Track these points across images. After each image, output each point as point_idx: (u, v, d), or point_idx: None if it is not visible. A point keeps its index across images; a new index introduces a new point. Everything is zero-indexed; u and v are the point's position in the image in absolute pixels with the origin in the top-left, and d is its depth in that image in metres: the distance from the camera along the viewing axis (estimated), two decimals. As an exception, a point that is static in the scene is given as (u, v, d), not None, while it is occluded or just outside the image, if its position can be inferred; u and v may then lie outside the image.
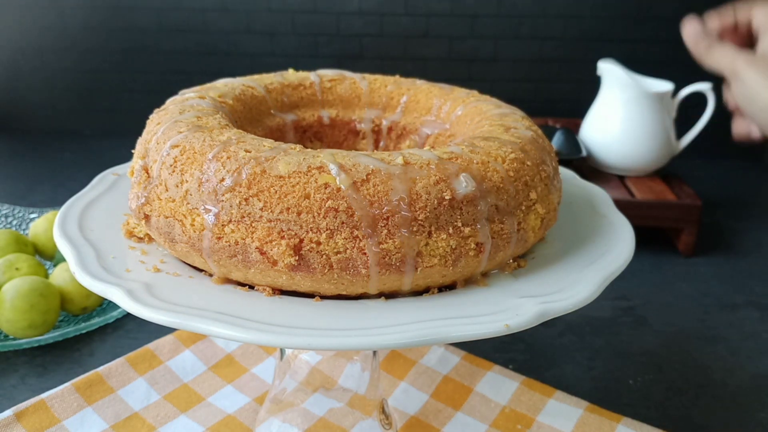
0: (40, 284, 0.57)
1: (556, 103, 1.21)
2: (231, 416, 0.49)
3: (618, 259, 0.33)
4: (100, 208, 0.37)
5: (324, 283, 0.29)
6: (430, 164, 0.29)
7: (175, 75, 1.23)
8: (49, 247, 0.67)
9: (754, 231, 0.90)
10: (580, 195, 0.42)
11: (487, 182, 0.30)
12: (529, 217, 0.32)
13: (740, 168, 1.16)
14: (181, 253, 0.31)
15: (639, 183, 0.85)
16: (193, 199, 0.30)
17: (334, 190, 0.28)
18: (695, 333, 0.65)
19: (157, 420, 0.48)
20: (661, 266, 0.79)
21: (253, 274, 0.29)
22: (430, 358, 0.55)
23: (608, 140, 0.85)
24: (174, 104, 0.37)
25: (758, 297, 0.72)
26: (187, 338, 0.56)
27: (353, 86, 0.46)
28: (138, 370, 0.52)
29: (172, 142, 0.31)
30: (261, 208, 0.28)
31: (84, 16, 1.20)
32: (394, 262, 0.28)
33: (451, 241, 0.29)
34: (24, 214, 0.77)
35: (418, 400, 0.51)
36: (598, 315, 0.67)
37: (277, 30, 1.19)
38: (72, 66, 1.23)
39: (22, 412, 0.46)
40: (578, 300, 0.29)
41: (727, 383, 0.57)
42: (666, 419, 0.52)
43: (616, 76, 0.83)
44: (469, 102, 0.42)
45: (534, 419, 0.49)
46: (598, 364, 0.59)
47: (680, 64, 1.14)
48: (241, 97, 0.41)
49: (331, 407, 0.44)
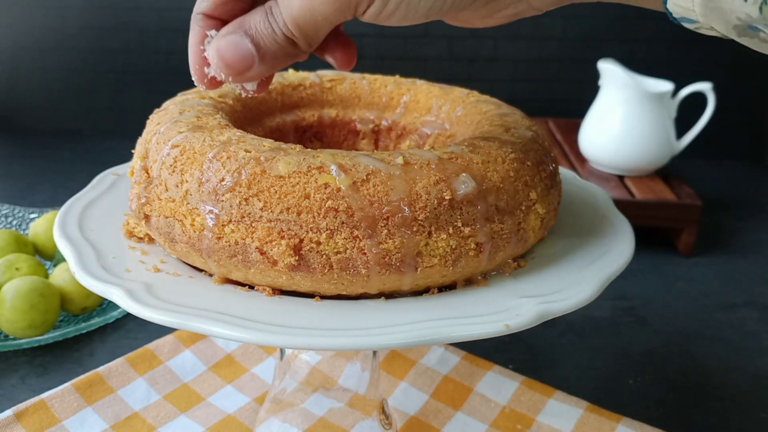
0: (40, 284, 0.57)
1: (556, 103, 1.21)
2: (231, 416, 0.49)
3: (618, 259, 0.33)
4: (100, 208, 0.37)
5: (324, 283, 0.29)
6: (430, 164, 0.29)
7: (175, 75, 1.23)
8: (49, 247, 0.67)
9: (754, 231, 0.90)
10: (580, 195, 0.42)
11: (487, 182, 0.30)
12: (529, 217, 0.32)
13: (740, 168, 1.16)
14: (181, 253, 0.31)
15: (639, 183, 0.85)
16: (193, 199, 0.30)
17: (334, 190, 0.28)
18: (695, 333, 0.65)
19: (157, 420, 0.48)
20: (661, 266, 0.79)
21: (253, 274, 0.29)
22: (430, 358, 0.55)
23: (608, 140, 0.85)
24: (174, 104, 0.37)
25: (758, 297, 0.72)
26: (187, 338, 0.56)
27: (353, 86, 0.46)
28: (138, 370, 0.52)
29: (172, 142, 0.31)
30: (261, 208, 0.28)
31: (84, 16, 1.20)
32: (394, 262, 0.28)
33: (451, 241, 0.29)
34: (24, 214, 0.77)
35: (418, 400, 0.51)
36: (598, 315, 0.67)
37: (277, 30, 1.19)
38: (72, 66, 1.23)
39: (22, 412, 0.46)
40: (578, 300, 0.29)
41: (727, 383, 0.57)
42: (666, 419, 0.52)
43: (616, 76, 0.83)
44: (469, 102, 0.42)
45: (534, 419, 0.49)
46: (598, 364, 0.59)
47: (680, 64, 1.14)
48: (241, 98, 0.41)
49: (331, 407, 0.44)
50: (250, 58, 0.26)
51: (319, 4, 0.24)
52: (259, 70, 0.26)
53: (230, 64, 0.26)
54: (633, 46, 1.15)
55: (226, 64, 0.26)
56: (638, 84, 0.83)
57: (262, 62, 0.26)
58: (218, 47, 0.26)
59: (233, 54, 0.26)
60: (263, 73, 0.27)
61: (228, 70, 0.26)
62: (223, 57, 0.26)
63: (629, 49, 1.16)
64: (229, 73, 0.26)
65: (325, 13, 0.24)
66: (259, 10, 0.26)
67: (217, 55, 0.26)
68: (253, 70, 0.26)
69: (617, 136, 0.84)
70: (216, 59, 0.26)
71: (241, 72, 0.26)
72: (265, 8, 0.25)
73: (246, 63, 0.26)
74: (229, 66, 0.26)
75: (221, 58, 0.26)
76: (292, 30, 0.25)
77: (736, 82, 1.13)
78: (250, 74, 0.26)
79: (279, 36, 0.25)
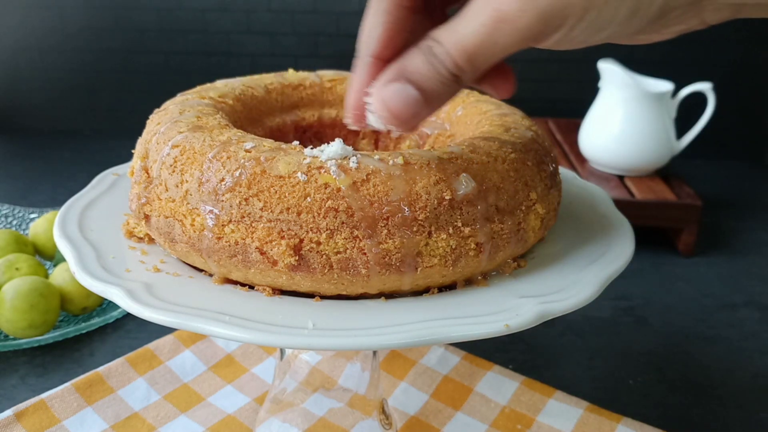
0: (40, 284, 0.57)
1: (556, 103, 1.21)
2: (231, 416, 0.49)
3: (618, 259, 0.33)
4: (100, 208, 0.37)
5: (324, 283, 0.29)
6: (430, 164, 0.29)
7: (175, 75, 1.23)
8: (49, 247, 0.67)
9: (754, 231, 0.90)
10: (580, 195, 0.42)
11: (487, 182, 0.30)
12: (529, 217, 0.32)
13: (740, 168, 1.16)
14: (181, 253, 0.31)
15: (639, 183, 0.85)
16: (193, 199, 0.30)
17: (334, 190, 0.28)
18: (695, 333, 0.65)
19: (157, 420, 0.48)
20: (661, 266, 0.79)
21: (253, 274, 0.29)
22: (430, 358, 0.55)
23: (608, 140, 0.85)
24: (174, 104, 0.37)
25: (758, 297, 0.72)
26: (187, 338, 0.56)
27: (353, 86, 0.46)
28: (138, 370, 0.52)
29: (172, 142, 0.31)
30: (261, 208, 0.28)
31: (84, 16, 1.19)
32: (394, 262, 0.28)
33: (451, 241, 0.29)
34: (24, 214, 0.77)
35: (418, 400, 0.51)
36: (598, 315, 0.67)
37: (277, 30, 1.19)
38: (72, 66, 1.23)
39: (22, 412, 0.46)
40: (578, 300, 0.29)
41: (727, 383, 0.57)
42: (666, 419, 0.52)
43: (616, 76, 0.83)
44: (469, 102, 0.42)
45: (534, 419, 0.49)
46: (598, 364, 0.59)
47: (680, 64, 1.14)
48: (241, 98, 0.41)
49: (331, 407, 0.44)
50: (416, 104, 0.25)
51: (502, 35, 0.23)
52: (424, 113, 0.25)
53: (397, 115, 0.25)
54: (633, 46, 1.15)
55: (393, 115, 0.25)
56: (638, 84, 0.83)
57: (427, 106, 0.25)
58: (383, 99, 0.25)
59: (399, 103, 0.25)
60: (427, 116, 0.26)
61: (395, 121, 0.25)
62: (390, 108, 0.25)
63: (629, 49, 1.15)
64: (395, 123, 0.25)
65: (505, 45, 0.23)
66: (416, 53, 0.25)
67: (384, 108, 0.25)
68: (420, 114, 0.25)
69: (617, 136, 0.84)
70: (383, 111, 0.25)
71: (407, 120, 0.25)
72: (423, 49, 0.24)
73: (412, 110, 0.25)
74: (397, 116, 0.25)
75: (388, 110, 0.25)
76: (462, 65, 0.24)
77: (736, 82, 1.13)
78: (416, 119, 0.25)
79: (445, 75, 0.24)
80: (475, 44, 0.23)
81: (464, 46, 0.23)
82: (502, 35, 0.23)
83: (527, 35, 0.23)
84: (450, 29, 0.24)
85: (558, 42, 0.24)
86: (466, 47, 0.23)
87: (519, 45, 0.23)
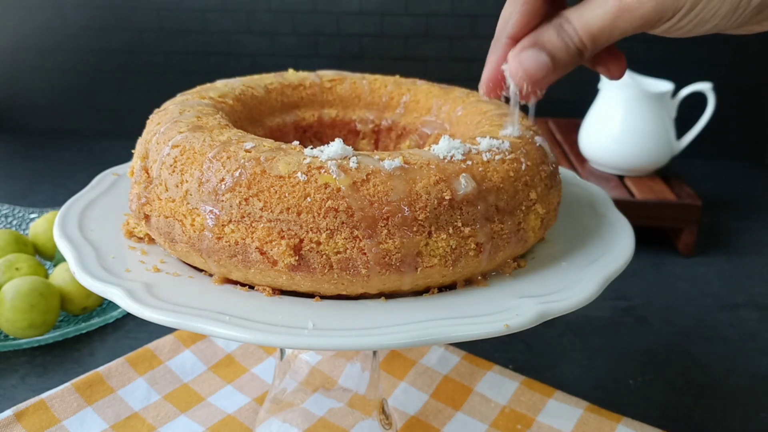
0: (40, 284, 0.57)
1: (556, 103, 1.20)
2: (231, 416, 0.49)
3: (618, 259, 0.33)
4: (100, 208, 0.37)
5: (324, 283, 0.29)
6: (430, 164, 0.29)
7: (175, 75, 1.23)
8: (49, 247, 0.67)
9: (754, 231, 0.90)
10: (580, 195, 0.42)
11: (487, 182, 0.30)
12: (529, 217, 0.32)
13: (740, 168, 1.16)
14: (181, 253, 0.31)
15: (639, 183, 0.85)
16: (193, 199, 0.30)
17: (334, 190, 0.28)
18: (695, 333, 0.65)
19: (157, 420, 0.48)
20: (661, 266, 0.79)
21: (253, 274, 0.29)
22: (430, 358, 0.55)
23: (608, 140, 0.85)
24: (174, 104, 0.37)
25: (758, 297, 0.72)
26: (187, 338, 0.56)
27: (353, 86, 0.46)
28: (138, 370, 0.52)
29: (172, 142, 0.31)
30: (261, 208, 0.28)
31: (84, 16, 1.19)
32: (394, 262, 0.28)
33: (451, 241, 0.29)
34: (24, 214, 0.77)
35: (418, 400, 0.51)
36: (598, 315, 0.67)
37: (277, 30, 1.19)
38: (72, 66, 1.23)
39: (22, 412, 0.46)
40: (578, 300, 0.29)
41: (727, 383, 0.57)
42: (666, 419, 0.52)
43: (616, 76, 0.83)
44: (469, 102, 0.42)
45: (534, 419, 0.49)
46: (598, 364, 0.59)
47: (680, 64, 1.14)
48: (241, 98, 0.41)
49: (331, 407, 0.44)
50: (546, 67, 0.30)
51: (622, 22, 0.27)
52: (552, 77, 0.30)
53: (531, 74, 0.30)
54: (633, 46, 1.15)
55: (528, 74, 0.30)
56: (638, 84, 0.83)
57: (554, 71, 0.30)
58: (521, 60, 0.30)
59: (533, 65, 0.30)
60: (554, 80, 0.31)
61: (529, 79, 0.30)
62: (526, 68, 0.30)
63: (629, 49, 1.15)
64: (529, 81, 0.30)
65: (623, 30, 0.28)
66: (549, 27, 0.30)
67: (521, 68, 0.30)
68: (548, 78, 0.30)
69: (617, 136, 0.84)
70: (519, 70, 0.30)
71: (538, 80, 0.30)
72: (555, 25, 0.29)
73: (543, 72, 0.30)
74: (530, 75, 0.30)
75: (524, 69, 0.30)
76: (586, 43, 0.29)
77: (736, 82, 1.13)
78: (545, 82, 0.30)
79: (572, 48, 0.29)
80: (599, 27, 0.28)
81: (589, 28, 0.28)
82: (622, 22, 0.27)
83: (643, 23, 0.27)
84: (579, 12, 0.28)
85: (667, 30, 0.28)
86: (591, 29, 0.28)
87: (634, 30, 0.28)
